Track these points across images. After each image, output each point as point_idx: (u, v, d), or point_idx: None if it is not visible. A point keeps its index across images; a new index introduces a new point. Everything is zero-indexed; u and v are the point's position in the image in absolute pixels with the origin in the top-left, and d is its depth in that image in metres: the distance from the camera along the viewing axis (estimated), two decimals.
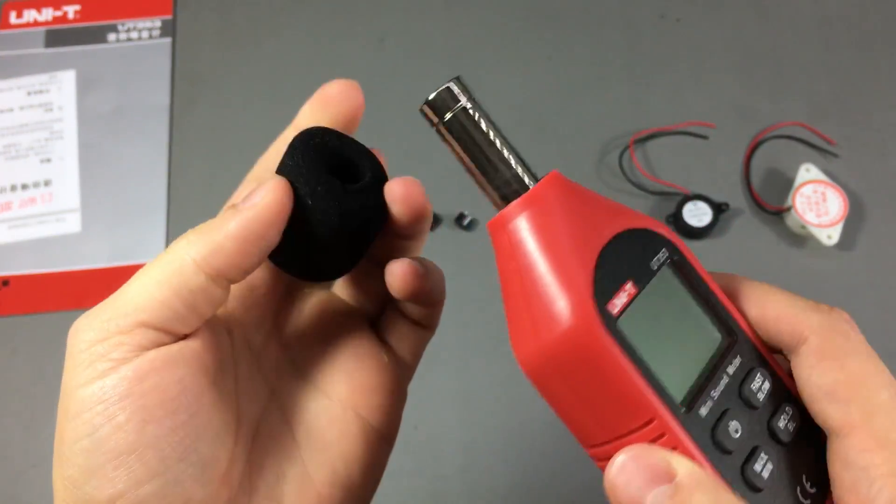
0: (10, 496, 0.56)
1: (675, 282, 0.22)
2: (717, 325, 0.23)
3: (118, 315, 0.22)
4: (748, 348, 0.22)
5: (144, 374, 0.21)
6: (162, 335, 0.22)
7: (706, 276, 0.23)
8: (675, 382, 0.21)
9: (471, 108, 0.23)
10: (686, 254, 0.23)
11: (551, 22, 0.71)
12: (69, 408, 0.21)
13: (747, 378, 0.22)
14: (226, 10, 0.73)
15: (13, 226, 0.64)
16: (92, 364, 0.22)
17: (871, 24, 0.70)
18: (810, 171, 0.62)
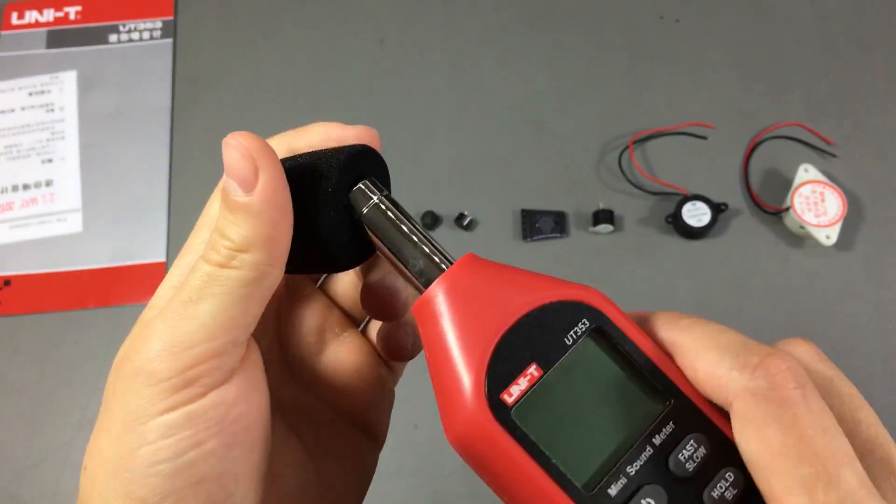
0: (11, 496, 0.56)
1: (598, 353, 0.21)
2: (648, 392, 0.21)
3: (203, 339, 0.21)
4: (687, 412, 0.21)
5: (233, 400, 0.21)
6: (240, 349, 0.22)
7: (639, 338, 0.22)
8: (580, 465, 0.20)
9: (382, 204, 0.24)
10: (615, 319, 0.21)
11: (551, 22, 0.71)
12: (146, 432, 0.20)
13: (678, 446, 0.20)
14: (226, 11, 0.73)
15: (15, 226, 0.64)
16: (179, 390, 0.20)
17: (869, 25, 0.70)
18: (809, 172, 0.62)
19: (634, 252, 0.62)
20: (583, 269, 0.61)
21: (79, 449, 0.57)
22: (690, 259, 0.62)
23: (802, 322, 0.59)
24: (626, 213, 0.63)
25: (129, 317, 0.61)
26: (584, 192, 0.64)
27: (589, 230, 0.63)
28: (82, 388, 0.59)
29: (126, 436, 0.20)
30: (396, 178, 0.27)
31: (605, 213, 0.62)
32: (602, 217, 0.62)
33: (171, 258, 0.63)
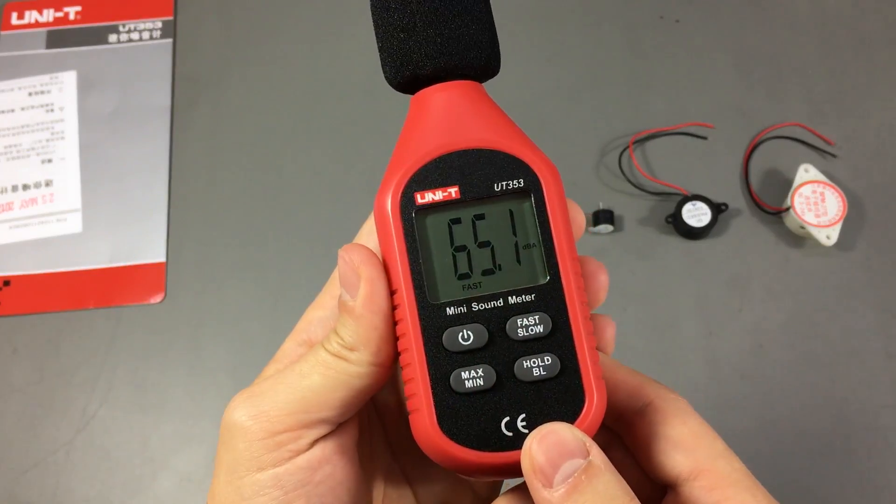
0: (11, 496, 0.56)
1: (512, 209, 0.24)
2: (532, 262, 0.24)
3: (297, 410, 0.23)
4: (551, 295, 0.23)
5: (318, 464, 0.23)
6: (328, 427, 0.24)
7: (557, 221, 0.24)
8: (442, 279, 0.23)
9: None
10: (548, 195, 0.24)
11: (551, 22, 0.71)
12: (242, 487, 0.23)
13: (524, 314, 0.23)
14: (226, 11, 0.73)
15: (14, 226, 0.64)
16: (271, 451, 0.23)
17: (869, 25, 0.70)
18: (809, 172, 0.62)
19: (634, 252, 0.62)
20: None
21: (79, 449, 0.57)
22: (690, 259, 0.62)
23: (802, 322, 0.59)
24: (626, 213, 0.63)
25: (129, 317, 0.62)
26: (584, 192, 0.64)
27: (589, 230, 0.63)
28: (82, 388, 0.59)
29: (228, 487, 0.23)
30: None
31: (605, 214, 0.62)
32: (602, 217, 0.62)
33: (171, 258, 0.63)
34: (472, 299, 0.23)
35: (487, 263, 0.24)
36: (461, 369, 0.23)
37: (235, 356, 0.60)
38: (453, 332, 0.23)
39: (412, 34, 0.25)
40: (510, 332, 0.23)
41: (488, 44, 0.25)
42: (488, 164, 0.24)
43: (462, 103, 0.25)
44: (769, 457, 0.55)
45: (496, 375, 0.23)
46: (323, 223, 0.64)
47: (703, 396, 0.57)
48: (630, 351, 0.59)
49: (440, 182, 0.24)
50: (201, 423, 0.58)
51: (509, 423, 0.23)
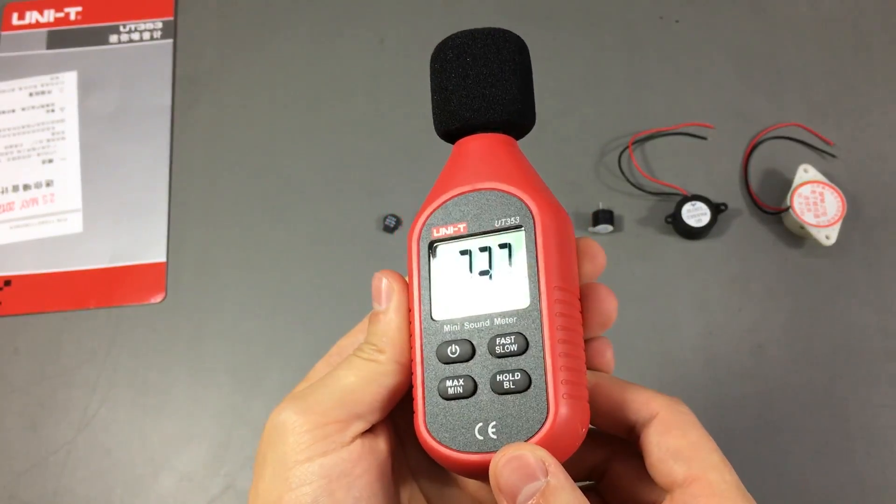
0: (11, 496, 0.56)
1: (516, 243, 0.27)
2: (525, 289, 0.27)
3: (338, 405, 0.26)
4: (531, 319, 0.26)
5: (358, 457, 0.26)
6: (364, 423, 0.27)
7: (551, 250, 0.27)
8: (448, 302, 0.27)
9: None
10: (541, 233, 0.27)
11: (551, 23, 0.71)
12: (289, 477, 0.25)
13: (507, 334, 0.26)
14: (226, 11, 0.73)
15: (15, 226, 0.65)
16: (317, 444, 0.26)
17: (868, 26, 0.70)
18: (808, 172, 0.62)
19: (634, 252, 0.62)
20: None
21: (79, 449, 0.58)
22: (690, 259, 0.62)
23: (802, 322, 0.59)
24: (625, 213, 0.63)
25: (129, 317, 0.62)
26: (583, 192, 0.64)
27: (589, 230, 0.63)
28: (83, 388, 0.59)
29: (275, 481, 0.25)
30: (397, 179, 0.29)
31: (605, 214, 0.62)
32: (602, 217, 0.62)
33: (171, 258, 0.63)
34: (466, 319, 0.27)
35: (484, 288, 0.27)
36: (447, 379, 0.27)
37: (235, 356, 0.60)
38: (445, 346, 0.27)
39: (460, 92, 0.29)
40: (491, 349, 0.26)
41: (522, 105, 0.30)
42: (493, 203, 0.28)
43: (487, 153, 0.29)
44: (769, 456, 0.56)
45: (474, 385, 0.26)
46: (323, 223, 0.64)
47: (702, 396, 0.57)
48: (630, 351, 0.59)
49: (453, 219, 0.28)
50: (202, 422, 0.58)
51: (482, 428, 0.26)
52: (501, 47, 0.30)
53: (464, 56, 0.30)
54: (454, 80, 0.29)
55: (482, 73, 0.29)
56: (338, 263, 0.62)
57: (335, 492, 0.25)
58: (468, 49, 0.30)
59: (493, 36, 0.30)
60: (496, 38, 0.30)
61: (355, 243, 0.63)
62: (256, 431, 0.58)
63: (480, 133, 0.30)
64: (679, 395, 0.29)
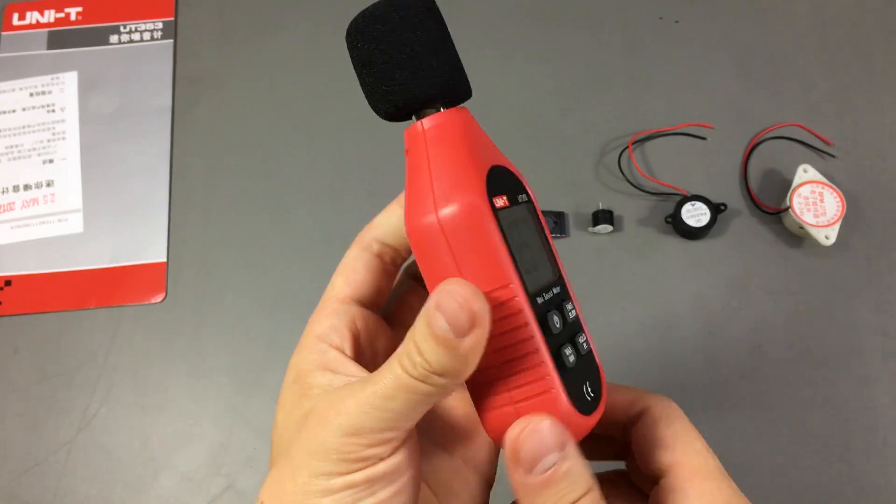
0: (11, 496, 0.56)
1: (529, 219, 0.28)
2: (549, 261, 0.28)
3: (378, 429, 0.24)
4: (564, 287, 0.28)
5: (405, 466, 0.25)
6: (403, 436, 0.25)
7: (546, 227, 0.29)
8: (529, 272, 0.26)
9: None
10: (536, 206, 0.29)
11: (551, 23, 0.71)
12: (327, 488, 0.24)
13: (564, 302, 0.27)
14: (227, 11, 0.73)
15: (16, 226, 0.65)
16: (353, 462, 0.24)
17: (868, 26, 0.70)
18: (808, 172, 0.62)
19: (634, 252, 0.62)
20: (582, 269, 0.62)
21: (80, 448, 0.58)
22: (690, 259, 0.62)
23: (801, 322, 0.60)
24: (625, 213, 0.63)
25: (130, 317, 0.62)
26: (583, 192, 0.64)
27: (588, 230, 0.63)
28: (83, 387, 0.59)
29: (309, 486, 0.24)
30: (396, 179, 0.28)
31: (605, 214, 0.62)
32: (602, 217, 0.62)
33: (172, 258, 0.64)
34: (540, 290, 0.26)
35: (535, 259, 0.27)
36: (564, 347, 0.26)
37: (236, 355, 0.60)
38: (551, 316, 0.26)
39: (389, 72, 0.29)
40: (566, 314, 0.27)
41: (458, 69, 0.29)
42: (508, 179, 0.27)
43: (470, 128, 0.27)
44: (768, 456, 0.56)
45: (578, 351, 0.27)
46: (323, 223, 0.64)
47: (702, 396, 0.57)
48: (630, 351, 0.59)
49: (496, 191, 0.26)
50: (202, 422, 0.58)
51: (586, 388, 0.27)
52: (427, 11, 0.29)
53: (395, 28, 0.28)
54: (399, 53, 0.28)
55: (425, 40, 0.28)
56: (338, 263, 0.62)
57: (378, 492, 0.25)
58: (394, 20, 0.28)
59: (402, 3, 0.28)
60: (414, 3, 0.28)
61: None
62: (257, 431, 0.58)
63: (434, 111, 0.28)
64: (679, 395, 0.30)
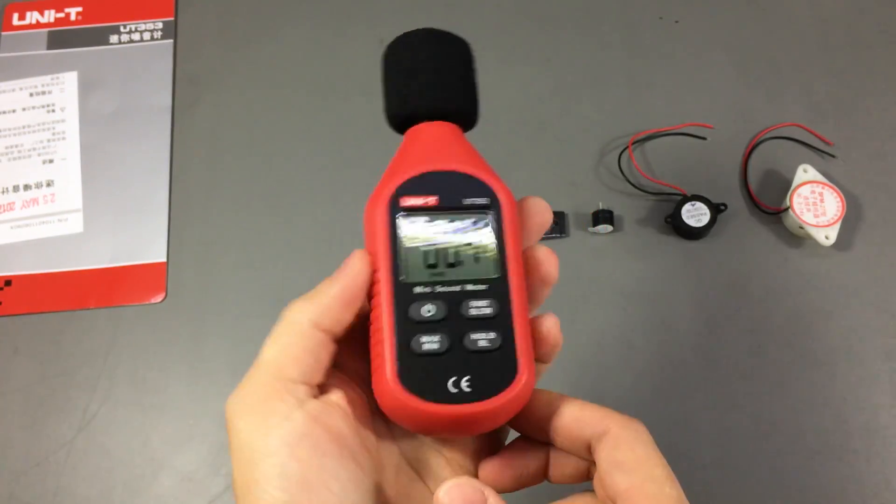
0: (11, 496, 0.56)
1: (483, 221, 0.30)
2: (488, 262, 0.30)
3: (270, 380, 0.28)
4: (500, 288, 0.29)
5: (312, 418, 0.27)
6: (306, 387, 0.28)
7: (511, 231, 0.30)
8: (414, 264, 0.29)
9: None
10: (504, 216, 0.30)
11: (551, 23, 0.71)
12: (254, 457, 0.26)
13: (476, 298, 0.29)
14: (227, 11, 0.73)
15: (16, 226, 0.65)
16: (266, 419, 0.27)
17: (868, 26, 0.70)
18: (808, 172, 0.62)
19: (634, 252, 0.62)
20: (582, 269, 0.62)
21: (80, 448, 0.58)
22: (690, 259, 0.62)
23: (801, 322, 0.60)
24: (625, 213, 0.63)
25: (129, 316, 0.62)
26: (583, 192, 0.64)
27: (588, 230, 0.63)
28: (83, 387, 0.59)
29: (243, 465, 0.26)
30: None
31: (605, 214, 0.62)
32: (601, 217, 0.62)
33: (172, 258, 0.64)
34: (436, 283, 0.29)
35: (452, 259, 0.30)
36: (421, 335, 0.28)
37: (236, 355, 0.60)
38: (418, 306, 0.29)
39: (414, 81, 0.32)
40: (464, 312, 0.29)
41: (472, 102, 0.33)
42: (462, 184, 0.30)
43: (445, 138, 0.32)
44: (768, 456, 0.56)
45: (450, 342, 0.28)
46: (323, 223, 0.64)
47: (702, 396, 0.57)
48: (630, 351, 0.59)
49: (423, 191, 0.30)
50: (202, 422, 0.58)
51: (455, 381, 0.28)
52: (460, 47, 0.34)
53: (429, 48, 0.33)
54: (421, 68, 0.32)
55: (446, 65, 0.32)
56: (338, 263, 0.62)
57: (300, 454, 0.26)
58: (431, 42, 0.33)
59: (447, 36, 0.34)
60: (449, 38, 0.34)
61: (355, 243, 0.63)
62: None
63: (436, 121, 0.32)
64: (679, 395, 0.30)
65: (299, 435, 0.26)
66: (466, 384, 0.28)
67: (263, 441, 0.26)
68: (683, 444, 0.55)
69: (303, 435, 0.26)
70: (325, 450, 0.26)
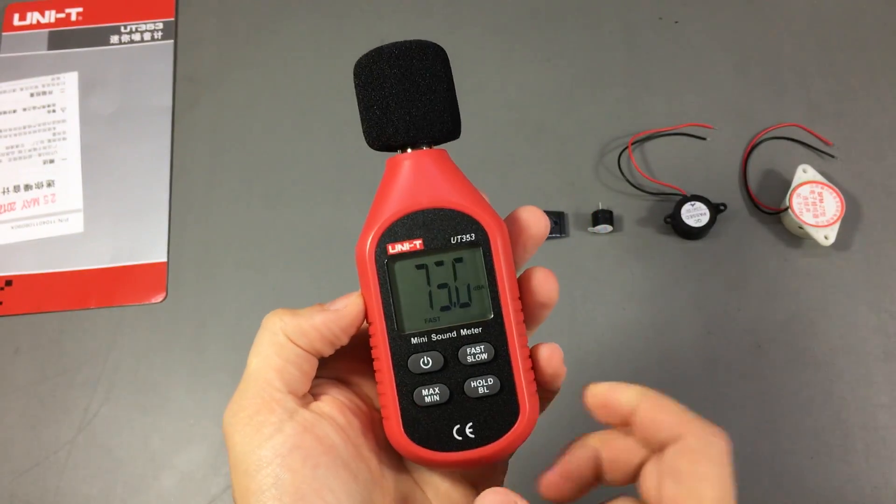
0: (11, 496, 0.56)
1: (472, 258, 0.29)
2: (481, 302, 0.29)
3: (258, 392, 0.28)
4: (496, 329, 0.29)
5: (303, 429, 0.27)
6: (293, 398, 0.28)
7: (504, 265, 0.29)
8: (409, 313, 0.29)
9: None
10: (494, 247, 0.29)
11: (551, 23, 0.71)
12: (249, 469, 0.27)
13: (473, 343, 0.29)
14: (227, 11, 0.73)
15: (16, 226, 0.65)
16: (258, 431, 0.27)
17: (867, 26, 0.70)
18: (807, 172, 0.62)
19: (633, 252, 0.62)
20: (582, 269, 0.62)
21: (80, 449, 0.58)
22: (689, 259, 0.62)
23: (801, 322, 0.60)
24: (625, 213, 0.63)
25: (130, 316, 0.62)
26: (583, 192, 0.64)
27: (588, 230, 0.63)
28: (84, 387, 0.60)
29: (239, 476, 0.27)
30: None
31: (605, 214, 0.62)
32: (601, 217, 0.62)
33: (172, 258, 0.64)
34: (431, 331, 0.29)
35: (445, 301, 0.29)
36: (422, 387, 0.29)
37: (236, 355, 0.60)
38: (416, 358, 0.29)
39: (387, 112, 0.30)
40: (461, 358, 0.29)
41: (449, 118, 0.31)
42: (447, 221, 0.29)
43: (426, 169, 0.30)
44: (768, 456, 0.56)
45: (449, 392, 0.29)
46: (323, 223, 0.64)
47: (701, 396, 0.57)
48: (629, 351, 0.59)
49: (408, 235, 0.29)
50: (202, 422, 0.58)
51: (459, 429, 0.29)
52: (430, 60, 0.31)
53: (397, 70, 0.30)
54: (395, 98, 0.30)
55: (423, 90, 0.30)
56: (338, 263, 0.62)
57: (292, 465, 0.26)
58: (399, 63, 0.30)
59: (422, 49, 0.31)
60: (424, 51, 0.31)
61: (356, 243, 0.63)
62: None
63: (417, 149, 0.30)
64: (679, 395, 0.29)
65: (291, 446, 0.27)
66: (470, 431, 0.29)
67: (257, 454, 0.27)
68: None
69: (294, 446, 0.27)
70: (318, 461, 0.27)
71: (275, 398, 0.28)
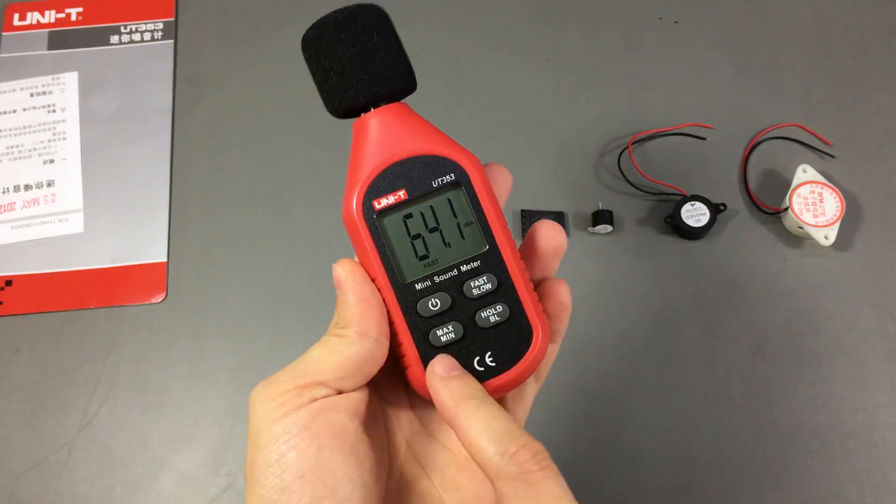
0: (11, 496, 0.56)
1: (451, 198, 0.30)
2: (474, 236, 0.30)
3: (299, 375, 0.29)
4: (494, 258, 0.30)
5: (316, 413, 0.28)
6: (332, 391, 0.29)
7: (485, 200, 0.30)
8: (407, 263, 0.30)
9: None
10: (474, 181, 0.30)
11: (551, 23, 0.71)
12: (259, 441, 0.28)
13: (475, 276, 0.30)
14: (227, 11, 0.73)
15: (17, 226, 0.65)
16: (279, 408, 0.28)
17: (867, 26, 0.70)
18: (807, 172, 0.62)
19: (633, 252, 0.62)
20: (582, 269, 0.62)
21: (80, 449, 0.58)
22: (689, 259, 0.62)
23: (800, 322, 0.60)
24: (625, 213, 0.63)
25: (130, 316, 0.62)
26: (583, 192, 0.64)
27: (588, 230, 0.63)
28: (84, 387, 0.60)
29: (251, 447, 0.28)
30: None
31: (605, 214, 0.62)
32: (601, 217, 0.62)
33: (172, 258, 0.64)
34: (433, 273, 0.30)
35: (439, 243, 0.30)
36: (436, 328, 0.30)
37: (236, 355, 0.60)
38: (424, 302, 0.30)
39: (344, 76, 0.31)
40: (467, 293, 0.30)
41: (404, 71, 0.31)
42: (424, 167, 0.30)
43: (393, 122, 0.31)
44: (767, 456, 0.56)
45: (463, 328, 0.30)
46: (323, 223, 0.64)
47: (701, 396, 0.57)
48: (629, 351, 0.59)
49: (390, 188, 0.30)
50: (202, 422, 0.58)
51: (480, 360, 0.30)
52: (375, 19, 0.31)
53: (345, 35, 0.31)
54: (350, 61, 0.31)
55: (374, 49, 0.31)
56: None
57: (298, 444, 0.27)
58: (346, 27, 0.31)
59: (364, 10, 0.31)
60: (366, 11, 0.31)
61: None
62: None
63: (379, 106, 0.31)
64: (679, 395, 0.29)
65: (301, 426, 0.27)
66: (490, 359, 0.30)
67: (269, 429, 0.27)
68: (683, 444, 0.55)
69: (304, 427, 0.27)
70: (324, 444, 0.27)
71: (309, 384, 0.28)
